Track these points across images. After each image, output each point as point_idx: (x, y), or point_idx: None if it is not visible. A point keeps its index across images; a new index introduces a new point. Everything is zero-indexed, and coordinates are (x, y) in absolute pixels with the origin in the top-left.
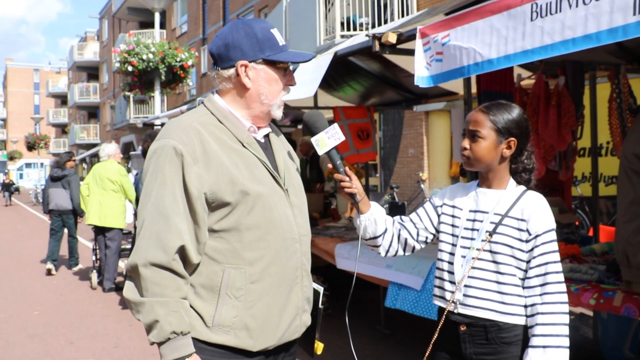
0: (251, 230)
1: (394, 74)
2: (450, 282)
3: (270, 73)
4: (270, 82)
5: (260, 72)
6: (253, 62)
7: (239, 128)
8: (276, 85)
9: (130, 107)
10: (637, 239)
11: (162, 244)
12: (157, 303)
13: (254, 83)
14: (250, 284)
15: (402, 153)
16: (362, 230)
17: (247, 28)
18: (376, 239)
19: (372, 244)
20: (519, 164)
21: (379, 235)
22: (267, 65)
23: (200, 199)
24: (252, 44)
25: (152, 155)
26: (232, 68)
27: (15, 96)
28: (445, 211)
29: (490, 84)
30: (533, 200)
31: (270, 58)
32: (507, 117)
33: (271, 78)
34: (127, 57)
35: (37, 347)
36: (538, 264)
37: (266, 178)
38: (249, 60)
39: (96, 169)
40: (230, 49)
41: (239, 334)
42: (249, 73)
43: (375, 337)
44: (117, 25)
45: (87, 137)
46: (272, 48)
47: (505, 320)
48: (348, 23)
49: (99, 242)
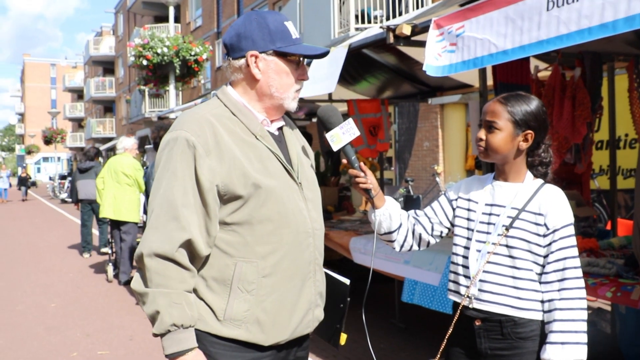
0: (263, 223)
1: (408, 67)
2: (465, 276)
3: (280, 65)
4: (281, 74)
5: (270, 63)
6: (264, 53)
7: (252, 120)
8: (287, 78)
9: (145, 101)
10: None
11: (167, 236)
12: (159, 294)
13: (263, 74)
14: (262, 277)
15: (417, 146)
16: (377, 225)
17: (260, 19)
18: (391, 234)
19: (386, 239)
20: (536, 157)
21: (393, 230)
22: (278, 57)
23: (212, 191)
24: (263, 34)
25: (164, 147)
26: (242, 58)
27: (32, 91)
28: (461, 205)
29: (506, 76)
30: (551, 194)
31: (281, 50)
32: (525, 108)
33: (281, 70)
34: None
35: (54, 338)
36: (556, 259)
37: (279, 171)
38: (260, 51)
39: (111, 162)
40: (241, 39)
41: (251, 328)
42: (259, 64)
43: (390, 331)
44: (132, 20)
45: (103, 131)
46: (284, 40)
47: (521, 315)
48: (362, 16)
49: (115, 235)
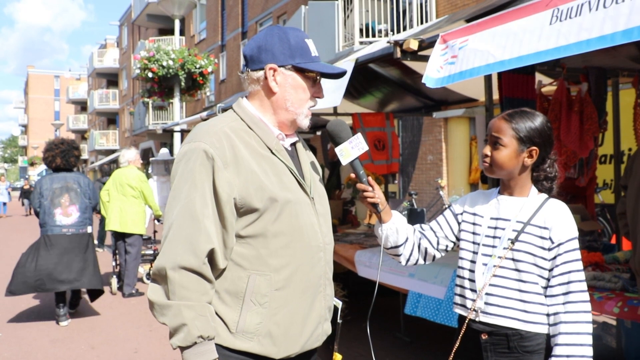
0: (277, 237)
1: (413, 81)
2: (471, 290)
3: (298, 80)
4: (297, 89)
5: (288, 77)
6: (282, 67)
7: (268, 135)
8: (303, 94)
9: (149, 114)
10: None
11: (192, 248)
12: (184, 306)
13: (280, 88)
14: (275, 290)
15: (420, 160)
16: (384, 239)
17: (281, 33)
18: (397, 248)
19: (393, 253)
20: (541, 172)
21: (400, 245)
22: (296, 72)
23: (230, 204)
24: (283, 49)
25: (182, 158)
26: (261, 70)
27: (36, 102)
28: (466, 219)
29: (512, 91)
30: (555, 208)
31: (300, 65)
32: (529, 125)
33: (298, 85)
34: (148, 63)
35: (59, 351)
36: (561, 272)
37: (294, 185)
38: (279, 65)
39: (116, 175)
40: (262, 51)
41: (263, 340)
42: (277, 77)
43: (395, 344)
44: (137, 32)
45: (107, 143)
46: (304, 56)
47: (527, 329)
48: (367, 29)
49: (119, 247)
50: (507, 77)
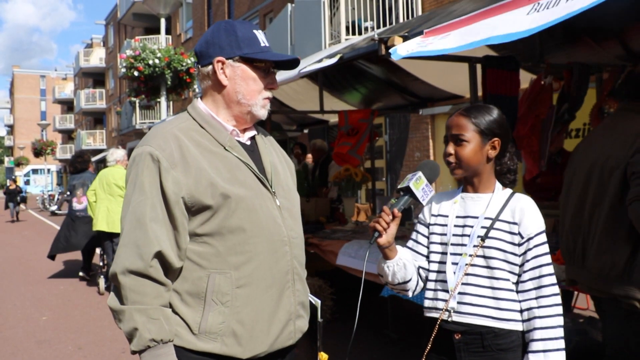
0: (235, 233)
1: (399, 78)
2: (443, 290)
3: (247, 72)
4: (247, 80)
5: (237, 69)
6: (230, 59)
7: (220, 132)
8: (254, 85)
9: (136, 113)
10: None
11: (139, 251)
12: (136, 310)
13: (230, 81)
14: (236, 288)
15: (408, 157)
16: (391, 276)
17: (228, 26)
18: (406, 284)
19: (401, 289)
20: (503, 165)
21: (408, 280)
22: (245, 64)
23: (179, 204)
24: (230, 41)
25: (131, 164)
26: (210, 65)
27: (22, 103)
28: (433, 221)
29: (496, 88)
30: (522, 203)
31: (248, 56)
32: (488, 117)
33: (248, 77)
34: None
35: (45, 352)
36: (532, 267)
37: (250, 180)
38: (226, 57)
39: (103, 174)
40: (209, 45)
41: (227, 340)
42: (226, 70)
43: (383, 341)
44: (123, 31)
45: (94, 143)
46: (251, 47)
47: (501, 326)
48: (353, 27)
49: (107, 247)
50: (491, 73)
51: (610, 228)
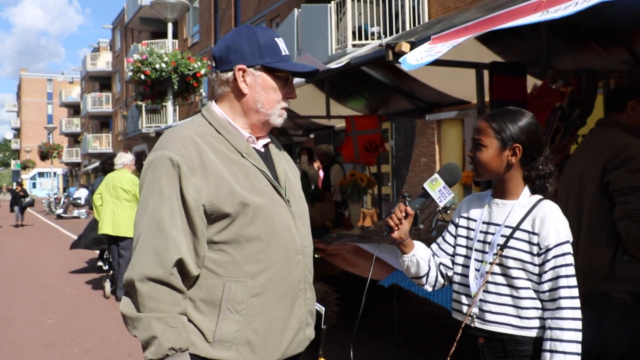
0: (252, 242)
1: (405, 83)
2: (466, 295)
3: (268, 81)
4: (268, 90)
5: (257, 78)
6: (252, 67)
7: (238, 138)
8: (274, 94)
9: (142, 117)
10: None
11: (159, 258)
12: (154, 318)
13: (250, 89)
14: (251, 297)
15: (414, 162)
16: (405, 269)
17: (250, 33)
18: (420, 279)
19: (417, 282)
20: (532, 170)
21: (422, 276)
22: (266, 73)
23: (199, 211)
24: (252, 49)
25: (148, 167)
26: (230, 72)
27: (28, 106)
28: (461, 224)
29: (502, 93)
30: (545, 212)
31: (270, 65)
32: (510, 123)
33: (269, 86)
34: (141, 66)
35: (51, 355)
36: (549, 278)
37: (267, 188)
38: (248, 65)
39: (109, 178)
40: (230, 52)
41: (241, 349)
42: (247, 78)
43: (389, 347)
44: (130, 36)
45: (100, 147)
46: (273, 56)
47: (523, 334)
48: (359, 32)
49: (112, 251)
50: (498, 79)
51: (594, 232)
